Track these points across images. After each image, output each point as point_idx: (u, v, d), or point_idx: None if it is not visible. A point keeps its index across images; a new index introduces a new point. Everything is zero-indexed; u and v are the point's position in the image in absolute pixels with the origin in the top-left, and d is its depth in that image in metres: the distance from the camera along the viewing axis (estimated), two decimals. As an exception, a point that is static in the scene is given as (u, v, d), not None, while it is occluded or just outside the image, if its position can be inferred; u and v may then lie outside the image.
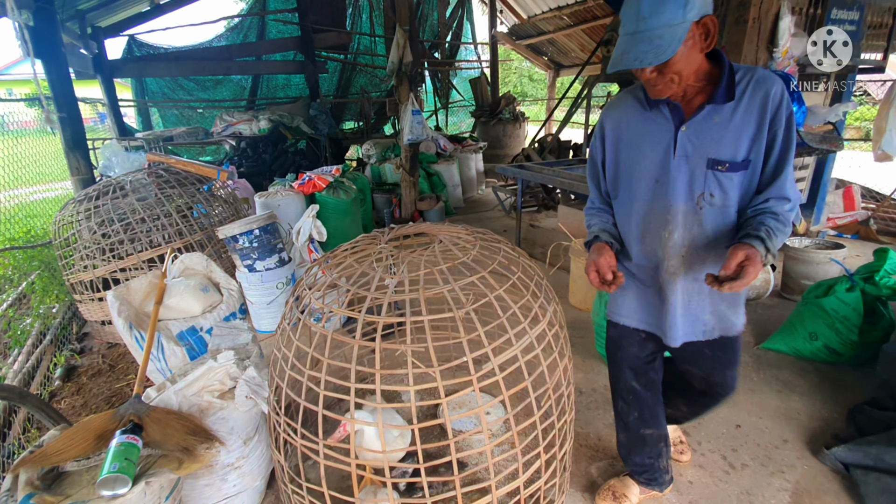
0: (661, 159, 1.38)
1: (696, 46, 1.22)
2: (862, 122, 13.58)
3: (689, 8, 1.15)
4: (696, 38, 1.20)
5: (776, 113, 1.27)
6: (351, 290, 1.48)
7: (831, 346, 2.71)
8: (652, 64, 1.18)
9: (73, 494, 1.32)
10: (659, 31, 1.16)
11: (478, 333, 1.38)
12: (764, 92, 1.26)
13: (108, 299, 1.95)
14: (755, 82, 1.28)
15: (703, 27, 1.20)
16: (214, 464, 1.74)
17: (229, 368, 1.78)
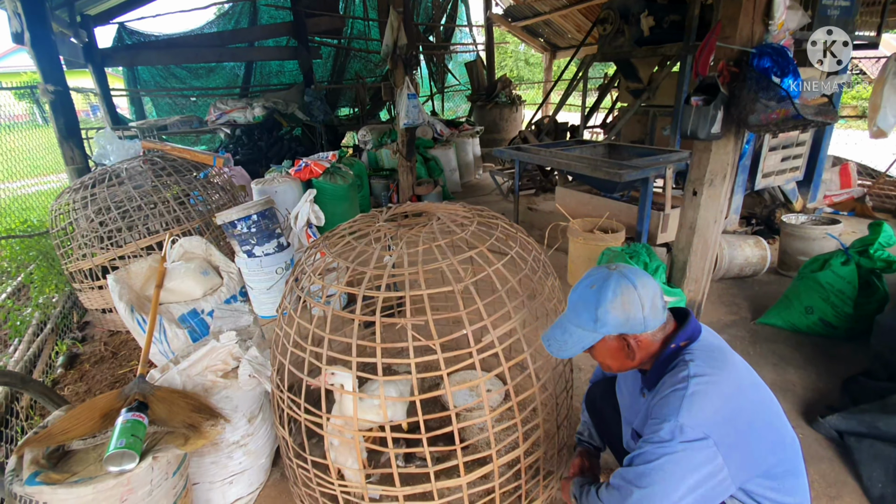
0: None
1: (621, 353, 1.26)
2: (858, 101, 13.54)
3: (601, 324, 1.21)
4: (618, 346, 1.25)
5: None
6: (350, 268, 1.49)
7: (826, 320, 2.74)
8: (554, 355, 1.29)
9: (79, 471, 1.34)
10: (572, 329, 1.25)
11: (477, 307, 1.40)
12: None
13: (108, 283, 1.96)
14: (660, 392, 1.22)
15: (622, 341, 1.24)
16: (220, 441, 1.77)
17: (232, 348, 1.80)
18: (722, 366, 1.19)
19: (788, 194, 4.35)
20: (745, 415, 1.15)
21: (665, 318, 1.27)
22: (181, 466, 1.50)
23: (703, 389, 1.14)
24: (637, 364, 1.29)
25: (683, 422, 1.11)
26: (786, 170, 4.13)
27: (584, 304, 1.24)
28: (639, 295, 1.20)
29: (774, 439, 1.20)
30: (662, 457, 1.12)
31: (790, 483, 1.21)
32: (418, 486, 1.44)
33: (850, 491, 1.79)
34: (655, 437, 1.16)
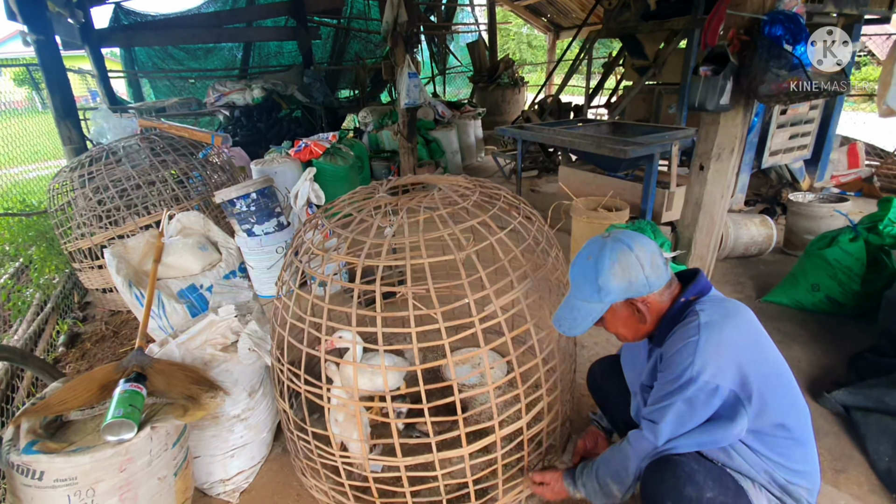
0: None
1: (633, 319, 1.25)
2: (866, 82, 13.30)
3: (605, 293, 1.19)
4: (628, 313, 1.24)
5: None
6: (349, 238, 1.46)
7: (833, 297, 2.71)
8: (566, 334, 1.28)
9: (77, 441, 1.33)
10: (578, 304, 1.24)
11: (479, 276, 1.36)
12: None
13: (105, 257, 1.93)
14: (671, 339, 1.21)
15: (631, 306, 1.23)
16: (220, 415, 1.76)
17: (231, 323, 1.77)
18: (734, 315, 1.17)
19: (796, 173, 4.28)
20: (760, 367, 1.13)
21: (669, 275, 1.25)
22: (181, 438, 1.49)
23: (717, 338, 1.12)
24: (651, 328, 1.27)
25: (699, 371, 1.10)
26: (793, 148, 4.06)
27: (584, 276, 1.22)
28: (636, 256, 1.18)
29: (788, 400, 1.18)
30: (677, 401, 1.13)
31: (798, 452, 1.19)
32: (419, 456, 1.42)
33: (856, 465, 1.77)
34: (670, 385, 1.16)
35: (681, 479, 1.13)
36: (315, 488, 1.65)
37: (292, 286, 1.50)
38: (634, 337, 1.31)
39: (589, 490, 1.38)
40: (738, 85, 2.23)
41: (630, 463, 1.26)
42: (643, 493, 1.23)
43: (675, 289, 1.26)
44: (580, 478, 1.41)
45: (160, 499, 1.43)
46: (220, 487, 1.80)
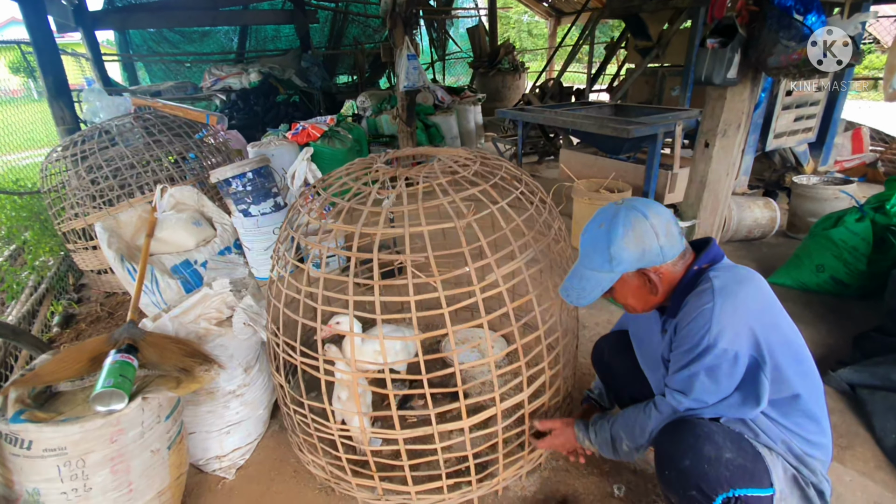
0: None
1: (644, 290, 1.21)
2: (871, 70, 13.17)
3: (616, 263, 1.15)
4: (639, 284, 1.20)
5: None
6: (347, 205, 1.42)
7: (838, 278, 2.67)
8: (574, 304, 1.25)
9: (66, 412, 1.30)
10: (588, 274, 1.20)
11: (479, 244, 1.32)
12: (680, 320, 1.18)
13: (96, 231, 1.89)
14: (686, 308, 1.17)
15: (643, 277, 1.18)
16: (215, 390, 1.72)
17: (226, 297, 1.74)
18: (748, 281, 1.14)
19: (800, 157, 4.22)
20: (774, 335, 1.11)
21: (683, 244, 1.20)
22: (174, 411, 1.46)
23: (732, 303, 1.09)
24: (662, 299, 1.23)
25: (716, 337, 1.08)
26: (798, 130, 4.00)
27: (595, 245, 1.18)
28: (651, 224, 1.14)
29: (802, 370, 1.15)
30: (699, 372, 1.11)
31: (813, 425, 1.17)
32: (419, 429, 1.39)
33: (862, 442, 1.75)
34: (688, 354, 1.13)
35: (700, 437, 1.11)
36: (312, 464, 1.63)
37: (289, 258, 1.45)
38: (644, 308, 1.27)
39: (599, 440, 1.36)
40: (745, 58, 2.17)
41: (650, 425, 1.23)
42: (659, 454, 1.20)
43: (688, 258, 1.22)
44: (594, 425, 1.38)
45: (154, 472, 1.40)
46: (215, 464, 1.77)
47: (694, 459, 1.10)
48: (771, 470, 1.12)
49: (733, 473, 1.08)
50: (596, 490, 1.59)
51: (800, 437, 1.15)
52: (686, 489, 1.12)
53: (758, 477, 1.10)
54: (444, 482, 1.45)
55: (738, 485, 1.08)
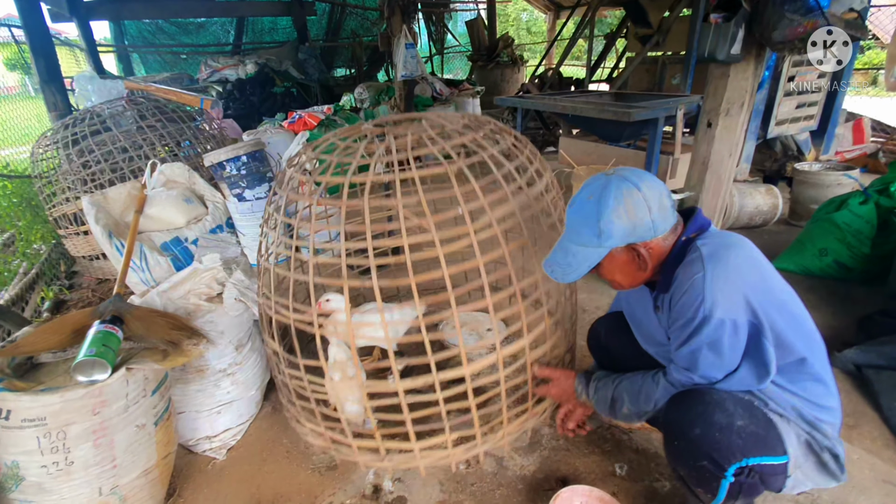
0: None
1: (632, 265, 1.16)
2: (870, 66, 13.16)
3: (606, 237, 1.10)
4: (628, 259, 1.15)
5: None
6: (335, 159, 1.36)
7: (842, 262, 2.63)
8: (559, 280, 1.20)
9: (47, 382, 1.25)
10: (574, 248, 1.15)
11: (472, 188, 1.26)
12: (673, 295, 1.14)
13: (83, 206, 1.84)
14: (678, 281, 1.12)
15: (632, 252, 1.13)
16: (205, 368, 1.67)
17: (216, 273, 1.69)
18: (737, 245, 1.09)
19: (801, 145, 4.18)
20: (769, 298, 1.06)
21: (675, 218, 1.15)
22: (161, 385, 1.41)
23: (723, 269, 1.04)
24: (650, 274, 1.18)
25: (710, 308, 1.03)
26: (800, 118, 3.96)
27: (583, 219, 1.12)
28: (644, 196, 1.08)
29: (803, 332, 1.11)
30: (701, 347, 1.06)
31: (821, 389, 1.13)
32: (419, 377, 1.33)
33: (869, 420, 1.71)
34: (686, 329, 1.09)
35: (710, 405, 1.07)
36: (311, 433, 1.56)
37: (276, 214, 1.40)
38: (630, 284, 1.22)
39: (599, 397, 1.32)
40: (749, 34, 2.13)
41: (656, 394, 1.19)
42: (667, 424, 1.16)
43: (679, 231, 1.16)
44: (596, 381, 1.34)
45: (139, 448, 1.35)
46: (206, 444, 1.72)
47: (704, 427, 1.05)
48: (784, 437, 1.08)
49: (746, 441, 1.04)
50: (597, 469, 1.55)
51: (809, 403, 1.11)
52: (696, 459, 1.07)
53: (771, 444, 1.06)
54: (448, 436, 1.38)
55: (752, 453, 1.04)
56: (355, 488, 1.54)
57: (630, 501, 1.42)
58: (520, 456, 1.62)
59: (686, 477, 1.16)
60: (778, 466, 1.07)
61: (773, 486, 1.12)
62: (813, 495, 1.43)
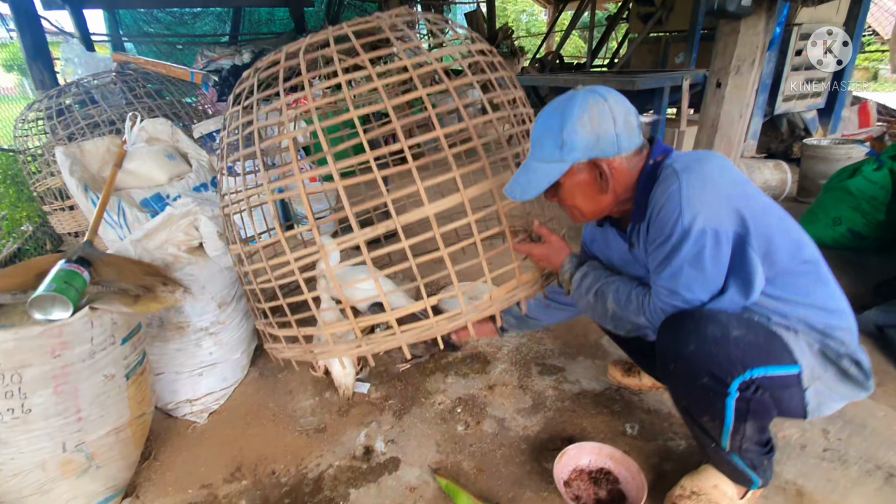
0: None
1: (594, 187, 1.08)
2: (870, 62, 13.12)
3: (568, 149, 1.03)
4: (590, 178, 1.08)
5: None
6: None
7: (856, 230, 2.53)
8: (516, 199, 1.13)
9: (1, 320, 1.14)
10: (535, 165, 1.09)
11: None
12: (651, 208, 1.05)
13: (57, 158, 1.73)
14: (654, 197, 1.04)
15: (595, 168, 1.06)
16: (185, 325, 1.57)
17: (195, 220, 1.57)
18: (711, 157, 1.03)
19: (809, 124, 4.09)
20: (752, 203, 0.99)
21: (641, 140, 1.08)
22: (133, 335, 1.30)
23: (700, 178, 0.97)
24: (613, 201, 1.10)
25: (690, 220, 0.95)
26: (807, 94, 3.87)
27: (546, 131, 1.06)
28: (610, 107, 1.02)
29: (794, 235, 1.03)
30: (682, 266, 0.98)
31: (823, 290, 1.04)
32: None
33: (893, 378, 1.61)
34: (664, 248, 1.00)
35: (701, 320, 0.98)
36: (286, 348, 1.42)
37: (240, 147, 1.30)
38: (592, 212, 1.13)
39: (584, 283, 1.20)
40: (761, -17, 2.03)
41: (640, 313, 1.08)
42: (661, 349, 1.05)
43: (645, 154, 1.09)
44: (587, 266, 1.22)
45: (108, 401, 1.24)
46: (186, 408, 1.61)
47: (698, 342, 0.96)
48: (792, 347, 0.98)
49: (745, 352, 0.94)
50: (606, 429, 1.44)
51: (816, 308, 1.02)
52: (696, 378, 0.98)
53: (776, 354, 0.97)
54: (426, 301, 1.24)
55: (754, 363, 0.94)
56: (345, 450, 1.43)
57: (643, 461, 1.31)
58: (522, 417, 1.51)
59: (690, 407, 1.05)
60: (789, 377, 0.97)
61: (790, 403, 1.02)
62: (840, 451, 1.32)
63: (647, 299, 1.08)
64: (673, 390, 1.10)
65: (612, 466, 1.28)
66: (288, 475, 1.36)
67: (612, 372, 1.64)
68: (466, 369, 1.76)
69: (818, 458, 1.30)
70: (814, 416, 1.06)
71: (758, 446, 1.06)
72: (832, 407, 1.06)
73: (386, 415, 1.56)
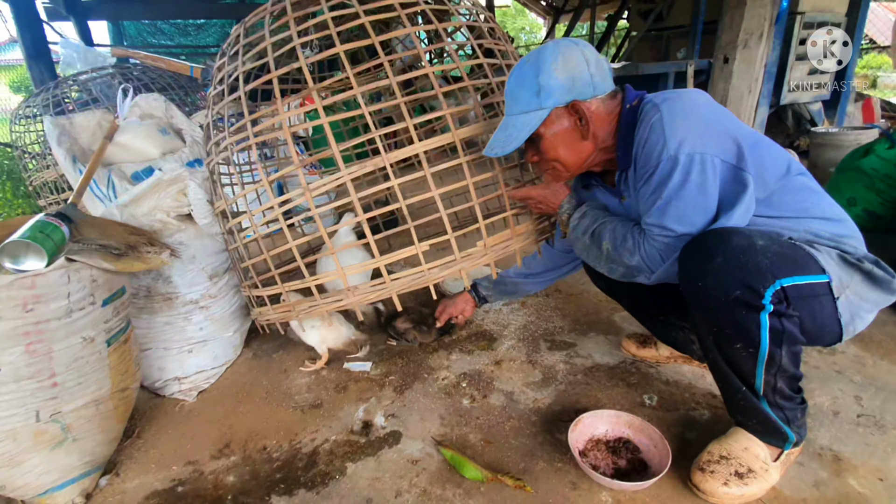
0: None
1: (575, 133, 1.07)
2: (868, 70, 13.21)
3: (545, 95, 1.03)
4: (570, 125, 1.07)
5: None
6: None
7: (871, 210, 2.45)
8: (497, 155, 1.11)
9: (-25, 274, 1.06)
10: (513, 119, 1.09)
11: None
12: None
13: (45, 127, 1.67)
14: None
15: (574, 112, 1.05)
16: (174, 297, 1.49)
17: (185, 188, 1.50)
18: (691, 91, 1.03)
19: (815, 116, 4.04)
20: (736, 126, 0.97)
21: (614, 87, 1.08)
22: (116, 297, 1.22)
23: (680, 107, 0.95)
24: (593, 148, 1.09)
25: (676, 147, 0.92)
26: (812, 86, 3.82)
27: (521, 82, 1.06)
28: (582, 52, 1.04)
29: (779, 151, 1.02)
30: (671, 198, 0.95)
31: (823, 200, 1.03)
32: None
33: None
34: (652, 182, 0.97)
35: (724, 233, 0.92)
36: (270, 310, 1.35)
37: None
38: (575, 163, 1.11)
39: (584, 223, 1.15)
40: (767, -47, 1.99)
41: (637, 253, 1.03)
42: (685, 273, 0.97)
43: (619, 99, 1.08)
44: (586, 207, 1.18)
45: (87, 368, 1.15)
46: (174, 386, 1.52)
47: (726, 254, 0.89)
48: (816, 256, 0.92)
49: (773, 261, 0.88)
50: (623, 400, 1.34)
51: (819, 219, 0.99)
52: (728, 292, 0.90)
53: (802, 263, 0.90)
54: (418, 246, 1.17)
55: (783, 273, 0.87)
56: (342, 425, 1.33)
57: (664, 430, 1.20)
58: (532, 390, 1.41)
59: (720, 337, 0.95)
60: (818, 286, 0.90)
61: (824, 317, 0.94)
62: (875, 417, 1.22)
63: (642, 238, 1.03)
64: (701, 319, 0.99)
65: (632, 435, 1.18)
66: (280, 451, 1.26)
67: (626, 345, 1.54)
68: (472, 346, 1.66)
69: (853, 424, 1.20)
70: (848, 333, 0.98)
71: (791, 392, 0.98)
72: (865, 319, 0.99)
73: (386, 390, 1.46)
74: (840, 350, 1.51)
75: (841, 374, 1.41)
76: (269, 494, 1.12)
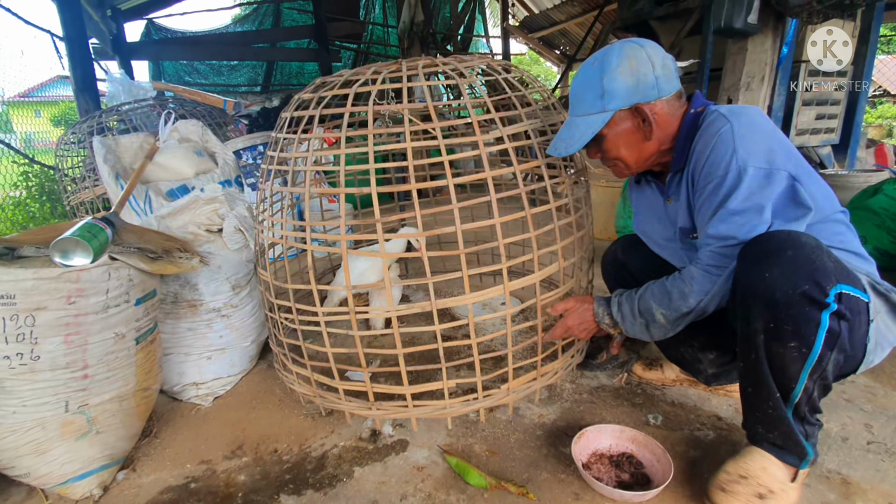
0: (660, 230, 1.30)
1: (638, 135, 1.10)
2: (884, 119, 13.30)
3: (609, 97, 1.06)
4: (633, 126, 1.10)
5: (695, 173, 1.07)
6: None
7: (882, 248, 2.46)
8: (560, 154, 1.14)
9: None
10: (577, 121, 1.11)
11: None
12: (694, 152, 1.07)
13: (93, 145, 1.82)
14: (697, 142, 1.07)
15: (637, 114, 1.08)
16: (198, 304, 1.57)
17: (219, 208, 1.62)
18: (754, 108, 1.08)
19: (824, 160, 4.09)
20: (795, 149, 1.02)
21: (679, 86, 1.10)
22: (148, 298, 1.30)
23: (749, 121, 0.99)
24: (656, 148, 1.11)
25: (745, 158, 0.95)
26: (821, 130, 3.90)
27: (586, 83, 1.09)
28: (647, 53, 1.05)
29: (824, 184, 1.06)
30: (740, 202, 0.97)
31: (856, 238, 1.07)
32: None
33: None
34: (717, 193, 0.99)
35: (792, 232, 0.94)
36: (297, 381, 1.41)
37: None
38: (636, 162, 1.14)
39: (625, 312, 1.16)
40: (766, 4, 2.13)
41: (691, 288, 1.04)
42: (750, 268, 0.94)
43: (684, 103, 1.11)
44: (618, 297, 1.19)
45: (116, 361, 1.22)
46: (192, 391, 1.58)
47: (796, 249, 0.90)
48: (860, 276, 0.95)
49: (835, 267, 0.90)
50: (628, 419, 1.35)
51: (852, 254, 1.03)
52: (797, 285, 0.87)
53: (854, 277, 0.92)
54: (445, 382, 1.22)
55: (842, 279, 0.89)
56: (351, 432, 1.36)
57: (668, 448, 1.21)
58: (537, 406, 1.43)
59: (776, 332, 0.91)
60: (862, 303, 0.91)
61: (856, 338, 0.93)
62: (886, 444, 1.21)
63: (685, 275, 1.06)
64: (757, 314, 0.94)
65: (635, 450, 1.19)
66: (290, 453, 1.29)
67: (632, 367, 1.57)
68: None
69: (863, 450, 1.20)
70: (866, 363, 0.99)
71: (819, 406, 0.98)
72: (884, 351, 1.00)
73: (383, 402, 1.49)
74: (850, 380, 1.51)
75: (851, 402, 1.40)
76: (278, 493, 1.16)
